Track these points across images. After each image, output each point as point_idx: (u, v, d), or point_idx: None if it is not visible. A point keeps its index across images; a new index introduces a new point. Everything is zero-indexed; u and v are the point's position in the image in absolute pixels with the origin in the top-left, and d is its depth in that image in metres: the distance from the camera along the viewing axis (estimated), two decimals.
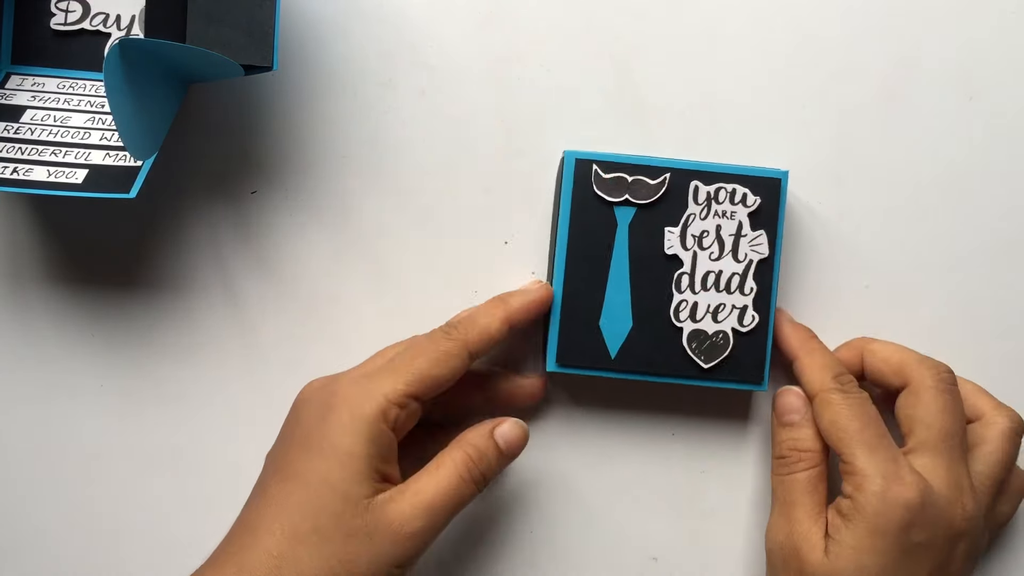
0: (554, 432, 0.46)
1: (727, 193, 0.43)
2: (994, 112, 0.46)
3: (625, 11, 0.46)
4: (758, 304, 0.43)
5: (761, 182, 0.43)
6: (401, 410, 0.39)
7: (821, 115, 0.46)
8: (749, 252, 0.43)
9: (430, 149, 0.46)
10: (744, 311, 0.43)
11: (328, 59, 0.46)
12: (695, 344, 0.43)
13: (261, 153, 0.46)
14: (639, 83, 0.46)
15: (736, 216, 0.43)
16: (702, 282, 0.43)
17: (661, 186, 0.43)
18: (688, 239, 0.43)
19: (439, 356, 0.40)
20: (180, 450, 0.46)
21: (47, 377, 0.46)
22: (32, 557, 0.46)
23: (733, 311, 0.43)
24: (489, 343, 0.42)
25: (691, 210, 0.43)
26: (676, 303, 0.43)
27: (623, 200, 0.43)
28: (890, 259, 0.46)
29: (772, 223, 0.43)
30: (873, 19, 0.46)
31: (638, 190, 0.43)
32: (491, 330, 0.42)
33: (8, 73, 0.44)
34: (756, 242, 0.43)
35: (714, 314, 0.43)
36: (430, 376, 0.40)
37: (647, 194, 0.43)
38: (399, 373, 0.40)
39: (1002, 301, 0.46)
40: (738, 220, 0.43)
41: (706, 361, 0.43)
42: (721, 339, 0.43)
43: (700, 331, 0.43)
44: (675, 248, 0.43)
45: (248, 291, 0.46)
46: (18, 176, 0.41)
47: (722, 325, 0.43)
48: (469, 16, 0.46)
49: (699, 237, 0.43)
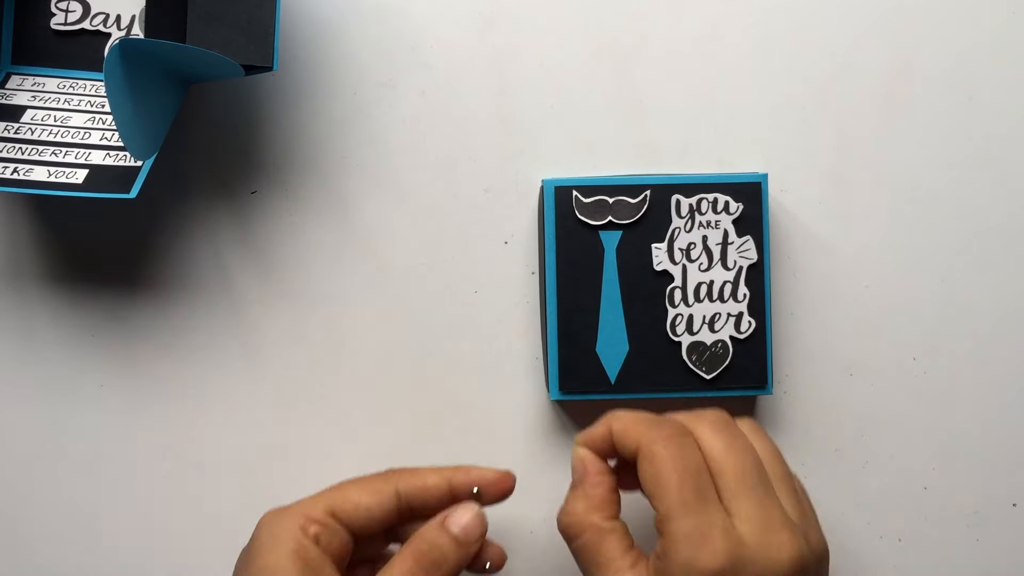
0: (554, 434, 0.46)
1: (709, 203, 0.43)
2: (994, 112, 0.46)
3: (625, 11, 0.46)
4: (753, 309, 0.43)
5: (742, 188, 0.43)
6: (322, 527, 0.39)
7: (821, 115, 0.46)
8: (738, 259, 0.43)
9: (430, 149, 0.46)
10: (740, 318, 0.43)
11: (328, 59, 0.46)
12: (695, 356, 0.43)
13: (261, 153, 0.46)
14: (639, 83, 0.46)
15: (721, 225, 0.43)
16: (695, 294, 0.43)
17: (643, 204, 0.43)
18: (676, 253, 0.43)
19: (365, 484, 0.40)
20: (180, 450, 0.46)
21: (47, 377, 0.46)
22: (32, 557, 0.46)
23: (729, 319, 0.43)
24: (421, 490, 0.40)
25: (675, 224, 0.43)
26: (672, 318, 0.43)
27: (607, 223, 0.43)
28: (890, 259, 0.46)
29: (757, 227, 0.43)
30: (873, 20, 0.46)
31: (620, 211, 0.43)
32: (426, 479, 0.40)
33: (8, 73, 0.44)
34: (744, 248, 0.43)
35: (711, 324, 0.43)
36: (351, 501, 0.39)
37: (630, 213, 0.43)
38: (321, 496, 0.40)
39: (1001, 301, 0.46)
40: (723, 228, 0.43)
41: (708, 372, 0.43)
42: (720, 348, 0.43)
43: (699, 343, 0.43)
44: (664, 264, 0.43)
45: (248, 291, 0.46)
46: (18, 176, 0.41)
47: (720, 334, 0.43)
48: (469, 16, 0.46)
49: (686, 250, 0.43)
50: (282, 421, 0.46)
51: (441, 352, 0.46)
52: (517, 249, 0.46)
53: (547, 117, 0.46)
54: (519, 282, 0.46)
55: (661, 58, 0.46)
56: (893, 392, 0.46)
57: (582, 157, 0.46)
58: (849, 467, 0.46)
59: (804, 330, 0.46)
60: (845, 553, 0.46)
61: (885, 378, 0.46)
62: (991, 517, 0.46)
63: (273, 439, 0.46)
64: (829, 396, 0.46)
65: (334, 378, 0.46)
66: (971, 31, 0.46)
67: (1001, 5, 0.46)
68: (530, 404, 0.46)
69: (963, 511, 0.46)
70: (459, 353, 0.46)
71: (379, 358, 0.46)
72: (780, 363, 0.45)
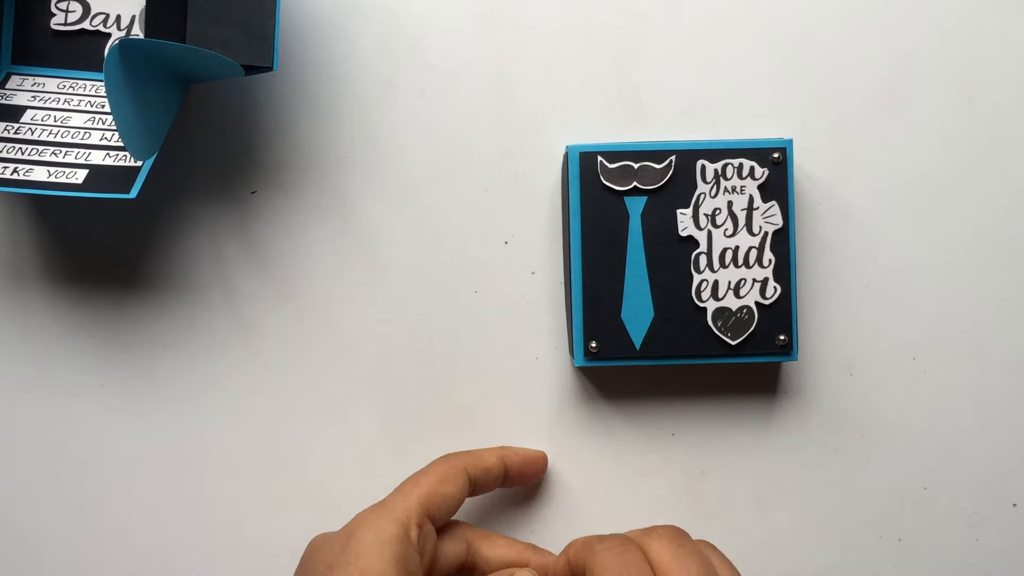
0: (553, 435, 0.46)
1: (734, 168, 0.43)
2: (994, 112, 0.46)
3: (625, 11, 0.46)
4: (779, 274, 0.43)
5: (767, 153, 0.43)
6: (420, 531, 0.39)
7: (821, 115, 0.46)
8: (763, 224, 0.43)
9: (430, 149, 0.46)
10: (765, 283, 0.43)
11: (328, 59, 0.46)
12: (720, 322, 0.43)
13: (261, 153, 0.46)
14: (639, 83, 0.46)
15: (746, 190, 0.43)
16: (720, 259, 0.43)
17: (668, 169, 0.43)
18: (701, 219, 0.43)
19: (443, 474, 0.41)
20: (180, 450, 0.46)
21: (47, 377, 0.46)
22: (32, 557, 0.46)
23: (754, 285, 0.43)
24: (484, 472, 0.42)
25: (701, 189, 0.43)
26: (697, 283, 0.43)
27: (632, 188, 0.43)
28: (890, 259, 0.46)
29: (783, 192, 0.43)
30: (873, 19, 0.46)
31: (645, 176, 0.43)
32: (486, 460, 0.43)
33: (8, 73, 0.44)
34: (769, 213, 0.43)
35: (736, 290, 0.43)
36: (438, 494, 0.40)
37: (655, 179, 0.43)
38: (408, 495, 0.40)
39: (1002, 301, 0.46)
40: (748, 194, 0.43)
41: (733, 338, 0.43)
42: (746, 314, 0.43)
43: (724, 308, 0.43)
44: (689, 229, 0.43)
45: (248, 291, 0.46)
46: (18, 176, 0.41)
47: (745, 300, 0.43)
48: (469, 16, 0.46)
49: (712, 215, 0.43)
50: (282, 420, 0.46)
51: (441, 352, 0.46)
52: (517, 249, 0.46)
53: (547, 117, 0.46)
54: (519, 282, 0.46)
55: (661, 58, 0.46)
56: (893, 392, 0.46)
57: None
58: (849, 467, 0.46)
59: (804, 330, 0.46)
60: (845, 553, 0.46)
61: (885, 378, 0.46)
62: (991, 517, 0.46)
63: (273, 439, 0.46)
64: (829, 396, 0.46)
65: (334, 377, 0.46)
66: (971, 31, 0.46)
67: (1001, 5, 0.46)
68: (530, 404, 0.46)
69: (963, 511, 0.46)
70: (458, 353, 0.46)
71: (379, 358, 0.46)
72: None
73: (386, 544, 0.38)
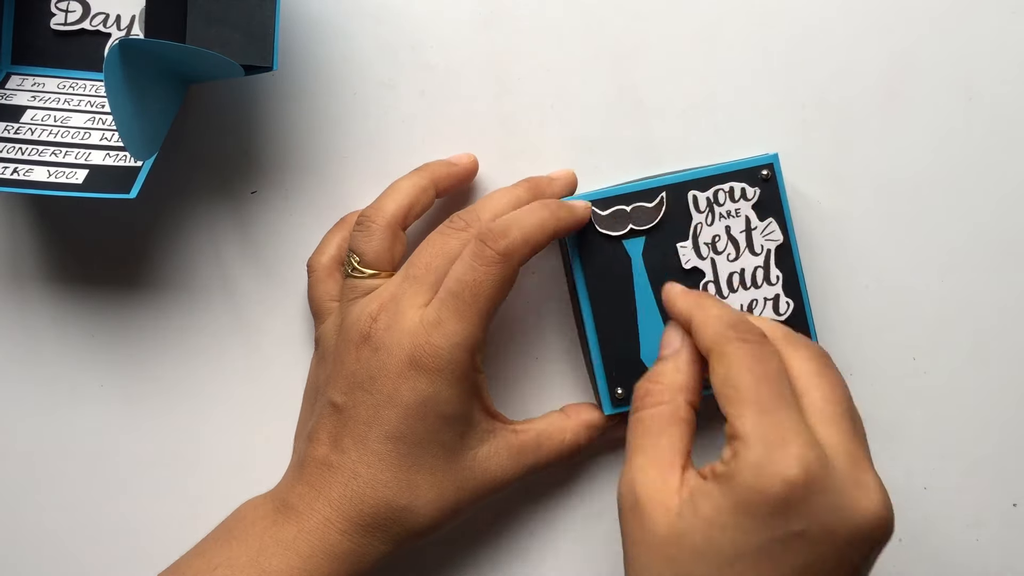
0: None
1: (726, 193, 0.43)
2: (994, 112, 0.46)
3: (625, 11, 0.46)
4: (788, 289, 0.43)
5: (755, 172, 0.43)
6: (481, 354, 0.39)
7: (821, 115, 0.46)
8: (764, 243, 0.43)
9: (430, 149, 0.46)
10: (777, 300, 0.43)
11: (328, 59, 0.46)
12: None
13: (261, 153, 0.46)
14: (639, 83, 0.46)
15: (741, 212, 0.43)
16: (728, 284, 0.43)
17: (661, 206, 0.43)
18: (702, 248, 0.43)
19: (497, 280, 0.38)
20: (180, 450, 0.46)
21: (47, 377, 0.46)
22: (32, 557, 0.46)
23: (767, 303, 0.43)
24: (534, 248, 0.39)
25: (696, 219, 0.43)
26: None
27: (628, 231, 0.42)
28: (890, 259, 0.46)
29: (777, 207, 0.43)
30: (873, 19, 0.46)
31: (640, 216, 0.42)
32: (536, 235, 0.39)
33: (8, 73, 0.44)
34: (768, 231, 0.43)
35: (749, 311, 0.43)
36: (495, 308, 0.39)
37: (650, 218, 0.42)
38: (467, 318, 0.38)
39: (1002, 301, 0.46)
40: (744, 215, 0.43)
41: None
42: None
43: None
44: (692, 260, 0.43)
45: (248, 291, 0.46)
46: (18, 176, 0.41)
47: None
48: (469, 16, 0.46)
49: (712, 243, 0.43)
50: (282, 420, 0.46)
51: None
52: None
53: (547, 117, 0.46)
54: (519, 282, 0.46)
55: (661, 58, 0.46)
56: (893, 392, 0.46)
57: (582, 158, 0.46)
58: None
59: None
60: None
61: (885, 378, 0.46)
62: (991, 517, 0.46)
63: (273, 439, 0.46)
64: None
65: None
66: (971, 31, 0.46)
67: (1001, 4, 0.46)
68: (529, 403, 0.46)
69: (963, 511, 0.46)
70: None
71: None
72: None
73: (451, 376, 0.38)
